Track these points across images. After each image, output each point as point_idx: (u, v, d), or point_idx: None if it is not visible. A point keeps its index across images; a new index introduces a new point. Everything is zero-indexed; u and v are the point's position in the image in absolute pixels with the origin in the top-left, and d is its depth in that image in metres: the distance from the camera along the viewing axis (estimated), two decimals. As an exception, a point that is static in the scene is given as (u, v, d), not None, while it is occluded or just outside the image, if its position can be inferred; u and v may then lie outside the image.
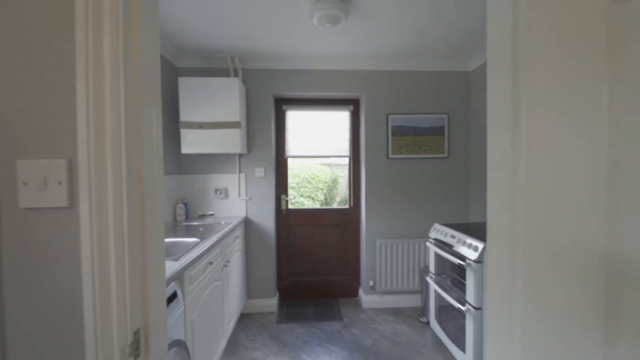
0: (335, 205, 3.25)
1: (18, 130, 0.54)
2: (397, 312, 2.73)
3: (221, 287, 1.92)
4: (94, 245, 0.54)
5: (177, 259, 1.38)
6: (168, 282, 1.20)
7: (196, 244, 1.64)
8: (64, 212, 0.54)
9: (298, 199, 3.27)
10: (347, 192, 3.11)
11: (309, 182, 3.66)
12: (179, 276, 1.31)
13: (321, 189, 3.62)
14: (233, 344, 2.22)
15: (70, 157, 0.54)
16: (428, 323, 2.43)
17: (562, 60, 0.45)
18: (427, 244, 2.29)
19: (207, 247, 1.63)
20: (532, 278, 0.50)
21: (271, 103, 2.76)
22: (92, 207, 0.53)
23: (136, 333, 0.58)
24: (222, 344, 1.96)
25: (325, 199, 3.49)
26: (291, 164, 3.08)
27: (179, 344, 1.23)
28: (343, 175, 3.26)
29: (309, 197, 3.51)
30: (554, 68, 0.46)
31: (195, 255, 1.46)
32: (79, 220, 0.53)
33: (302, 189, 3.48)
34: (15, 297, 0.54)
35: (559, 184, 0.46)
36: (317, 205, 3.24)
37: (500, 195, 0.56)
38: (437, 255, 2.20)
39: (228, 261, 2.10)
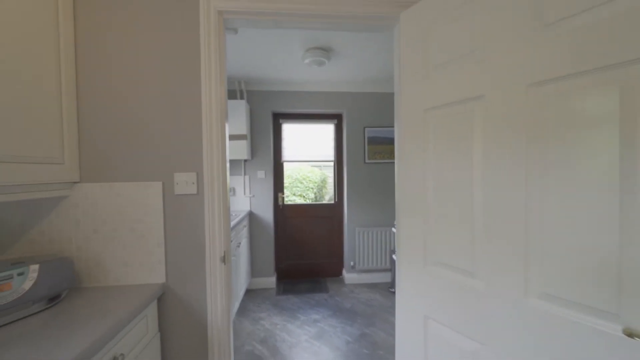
0: (324, 201, 3.91)
1: (175, 159, 1.17)
2: (372, 286, 3.42)
3: (237, 260, 2.55)
4: (208, 211, 1.18)
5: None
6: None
7: (221, 227, 2.28)
8: (194, 196, 1.18)
9: (291, 197, 3.89)
10: (334, 190, 3.77)
11: (300, 182, 4.28)
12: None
13: (311, 188, 4.24)
14: (243, 309, 2.85)
15: (197, 171, 1.18)
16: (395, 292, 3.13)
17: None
18: (393, 229, 2.98)
19: (232, 225, 2.26)
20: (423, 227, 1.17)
21: (270, 117, 3.40)
22: (206, 194, 1.17)
23: (225, 253, 1.22)
24: (236, 306, 2.59)
25: (316, 197, 4.12)
26: (286, 167, 3.71)
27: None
28: (332, 176, 3.92)
29: (300, 195, 4.13)
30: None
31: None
32: (203, 200, 1.17)
33: (294, 189, 4.10)
34: (172, 237, 1.18)
35: (444, 180, 1.13)
36: (308, 202, 3.88)
37: (408, 185, 1.23)
38: (399, 237, 2.89)
39: (240, 243, 2.72)
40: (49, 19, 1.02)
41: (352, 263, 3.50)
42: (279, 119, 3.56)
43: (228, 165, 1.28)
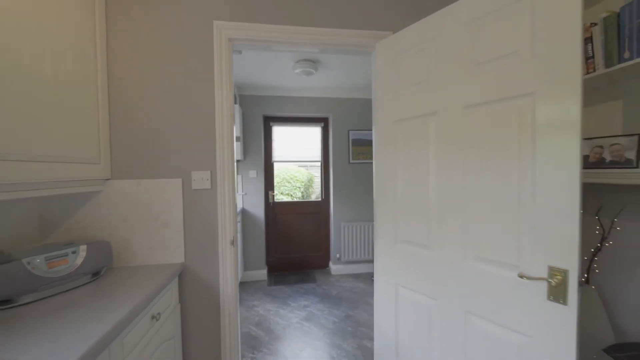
0: (311, 199, 4.18)
1: (193, 160, 1.41)
2: (356, 276, 3.73)
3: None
4: (220, 203, 1.43)
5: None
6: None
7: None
8: (208, 191, 1.42)
9: (279, 196, 4.13)
10: (320, 189, 4.05)
11: (288, 182, 4.52)
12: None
13: (299, 187, 4.49)
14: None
15: (211, 169, 1.42)
16: (377, 279, 3.44)
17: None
18: (375, 223, 3.29)
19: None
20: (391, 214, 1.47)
21: (261, 120, 3.64)
22: (219, 189, 1.42)
23: (233, 237, 1.47)
24: (232, 294, 2.81)
25: (302, 195, 4.37)
26: (276, 167, 3.96)
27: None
28: (317, 175, 4.20)
29: (287, 194, 4.37)
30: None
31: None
32: (216, 194, 1.42)
33: (281, 188, 4.33)
34: (190, 224, 1.42)
35: (409, 176, 1.42)
36: (296, 199, 4.14)
37: (383, 184, 1.52)
38: (380, 230, 3.20)
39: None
40: (87, 46, 1.24)
41: (338, 255, 3.80)
42: (269, 122, 3.80)
43: (235, 164, 1.53)
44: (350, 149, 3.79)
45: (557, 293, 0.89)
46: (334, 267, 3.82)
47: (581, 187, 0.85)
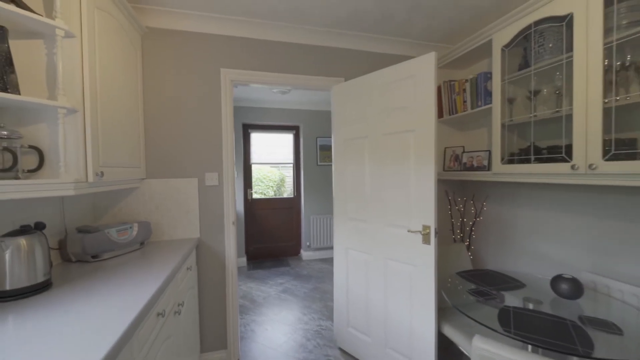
0: (285, 196, 4.82)
1: (205, 164, 2.00)
2: (323, 260, 4.44)
3: (220, 240, 3.34)
4: (225, 195, 2.04)
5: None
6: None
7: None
8: (216, 187, 2.03)
9: (254, 195, 4.70)
10: (292, 187, 4.71)
11: (261, 182, 5.10)
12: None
13: (271, 186, 5.08)
14: (223, 279, 3.63)
15: (219, 171, 2.03)
16: (340, 261, 4.18)
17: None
18: (338, 214, 4.01)
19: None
20: (346, 209, 2.17)
21: (241, 128, 4.21)
22: (224, 185, 2.03)
23: (234, 219, 2.09)
24: (220, 275, 3.37)
25: (275, 194, 4.97)
26: (253, 168, 4.54)
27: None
28: (289, 175, 4.84)
29: (261, 193, 4.96)
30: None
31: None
32: (222, 189, 2.03)
33: (255, 187, 4.90)
34: (204, 210, 2.01)
35: (353, 176, 2.13)
36: (269, 197, 4.75)
37: (340, 187, 2.22)
38: (342, 220, 3.94)
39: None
40: (135, 85, 1.80)
41: (308, 243, 4.48)
42: (248, 129, 4.38)
43: (235, 167, 2.14)
44: (318, 153, 4.49)
45: (426, 239, 1.65)
46: (305, 254, 4.50)
47: (436, 182, 1.61)
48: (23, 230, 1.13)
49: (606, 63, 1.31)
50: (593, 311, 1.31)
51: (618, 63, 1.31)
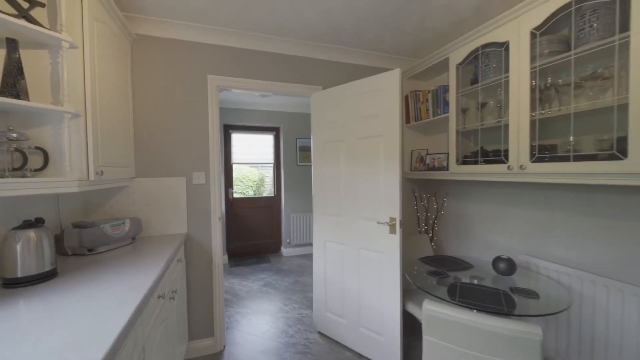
0: (264, 195, 4.96)
1: (194, 163, 2.14)
2: (303, 256, 4.64)
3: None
4: (211, 193, 2.19)
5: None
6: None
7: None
8: (204, 185, 2.17)
9: (234, 195, 4.80)
10: (273, 186, 4.86)
11: (241, 181, 5.20)
12: (196, 222, 2.86)
13: (251, 186, 5.20)
14: (205, 276, 3.73)
15: (205, 171, 2.17)
16: (319, 256, 4.40)
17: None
18: (317, 212, 4.23)
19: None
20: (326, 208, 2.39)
21: (222, 128, 4.31)
22: (211, 183, 2.18)
23: (220, 215, 2.24)
24: (202, 272, 3.47)
25: (254, 193, 5.10)
26: (234, 167, 4.65)
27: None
28: (269, 175, 4.99)
29: (240, 193, 5.06)
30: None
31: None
32: (209, 187, 2.17)
33: (235, 187, 5.00)
34: (192, 207, 2.14)
35: (330, 175, 2.35)
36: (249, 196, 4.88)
37: (319, 187, 2.43)
38: (321, 217, 4.16)
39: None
40: (126, 89, 1.90)
41: (288, 240, 4.66)
42: (229, 129, 4.48)
43: (221, 167, 2.29)
44: (298, 153, 4.68)
45: (392, 229, 1.90)
46: (285, 250, 4.68)
47: (401, 179, 1.87)
48: (30, 224, 1.24)
49: (533, 84, 1.62)
50: (524, 284, 1.62)
51: (541, 84, 1.64)
